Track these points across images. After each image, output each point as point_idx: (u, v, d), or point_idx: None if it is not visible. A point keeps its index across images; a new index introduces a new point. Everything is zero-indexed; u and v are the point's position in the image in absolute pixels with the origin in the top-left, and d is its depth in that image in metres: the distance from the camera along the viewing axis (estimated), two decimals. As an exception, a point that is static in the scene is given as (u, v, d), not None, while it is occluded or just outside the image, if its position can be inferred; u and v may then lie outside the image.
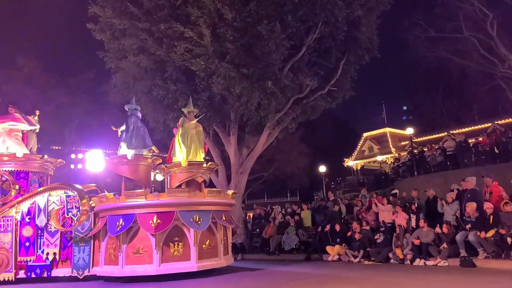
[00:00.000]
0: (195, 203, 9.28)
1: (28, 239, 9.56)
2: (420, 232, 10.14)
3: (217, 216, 9.64)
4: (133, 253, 8.86)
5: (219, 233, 9.82)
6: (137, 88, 15.76)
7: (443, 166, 17.98)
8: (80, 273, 9.48)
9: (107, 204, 9.29)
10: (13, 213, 9.66)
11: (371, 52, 17.50)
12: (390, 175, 25.13)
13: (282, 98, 15.09)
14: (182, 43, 14.19)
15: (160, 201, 8.95)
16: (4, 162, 10.28)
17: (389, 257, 10.49)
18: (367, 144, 35.35)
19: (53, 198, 9.81)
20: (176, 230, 9.03)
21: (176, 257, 8.89)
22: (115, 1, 15.08)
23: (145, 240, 8.88)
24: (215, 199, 9.73)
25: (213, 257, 9.46)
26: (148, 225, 8.73)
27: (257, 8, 13.70)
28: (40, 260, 9.46)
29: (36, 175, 10.70)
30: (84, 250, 9.59)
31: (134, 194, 9.06)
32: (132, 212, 8.91)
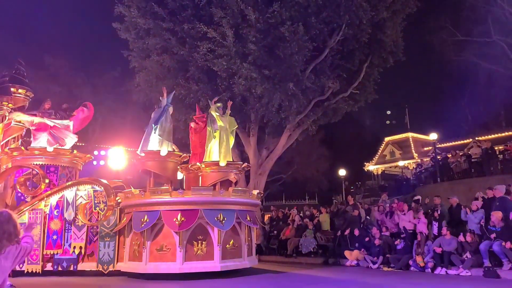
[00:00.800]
0: (220, 201, 9.19)
1: (56, 232, 9.69)
2: (442, 240, 9.87)
3: (242, 216, 9.52)
4: (156, 250, 8.84)
5: (243, 233, 9.68)
6: (159, 87, 15.96)
7: (468, 174, 17.46)
8: (105, 268, 9.50)
9: (133, 200, 9.29)
10: (42, 206, 9.81)
11: (395, 55, 17.24)
12: (412, 181, 24.60)
13: (303, 100, 15.02)
14: (205, 43, 14.31)
15: (184, 199, 8.92)
16: (35, 156, 10.49)
17: (409, 264, 10.25)
18: (388, 148, 34.73)
19: (81, 192, 9.91)
20: (200, 228, 8.97)
21: (199, 256, 8.82)
22: (140, 1, 15.37)
23: (169, 238, 8.84)
24: (240, 199, 9.59)
25: (237, 258, 9.34)
26: (172, 223, 8.70)
27: (280, 10, 13.68)
28: (67, 254, 9.58)
29: (66, 170, 10.89)
30: (109, 245, 9.63)
31: (159, 190, 9.05)
32: (157, 209, 8.90)
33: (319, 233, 13.76)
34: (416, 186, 21.91)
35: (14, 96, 11.95)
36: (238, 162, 10.65)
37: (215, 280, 8.64)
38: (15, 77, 12.20)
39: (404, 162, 32.17)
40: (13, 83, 12.03)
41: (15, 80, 12.12)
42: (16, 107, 12.03)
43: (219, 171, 10.08)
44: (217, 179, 9.98)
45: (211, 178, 10.03)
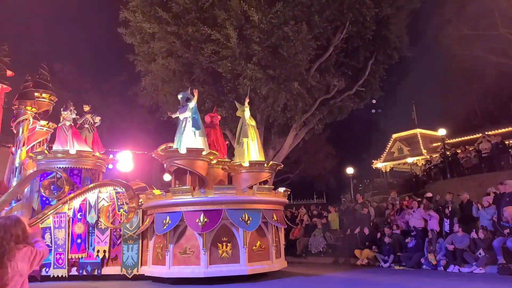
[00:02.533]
0: (244, 201, 8.69)
1: (80, 236, 9.50)
2: (454, 237, 9.75)
3: (268, 216, 8.99)
4: (180, 253, 8.46)
5: (271, 234, 9.17)
6: (165, 90, 16.05)
7: (478, 169, 17.26)
8: (129, 272, 9.19)
9: (154, 201, 8.93)
10: (66, 210, 9.67)
11: (400, 51, 17.13)
12: (421, 177, 24.39)
13: (309, 99, 14.97)
14: (209, 45, 14.34)
15: (207, 199, 8.46)
16: (59, 159, 10.38)
17: (421, 263, 10.14)
18: (396, 145, 34.45)
19: (103, 194, 9.68)
20: (224, 230, 8.51)
21: (224, 259, 8.37)
22: (145, 6, 15.43)
23: (192, 240, 8.44)
24: (265, 197, 9.09)
25: (264, 260, 8.82)
26: (195, 224, 8.29)
27: (283, 9, 13.66)
28: (91, 258, 9.36)
29: (89, 172, 10.75)
30: (132, 248, 9.30)
31: (180, 190, 8.62)
32: (178, 209, 8.51)
33: (329, 233, 13.69)
34: (426, 183, 21.71)
35: (38, 100, 11.97)
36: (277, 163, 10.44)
37: (243, 284, 8.15)
38: (39, 81, 12.19)
39: (412, 158, 31.88)
40: (37, 87, 12.02)
41: (38, 85, 12.11)
42: (41, 111, 12.05)
43: (254, 171, 9.78)
44: (261, 180, 9.70)
45: (250, 179, 9.75)
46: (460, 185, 15.65)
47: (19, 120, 11.53)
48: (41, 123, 11.80)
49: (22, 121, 11.52)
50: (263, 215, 8.82)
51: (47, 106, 12.37)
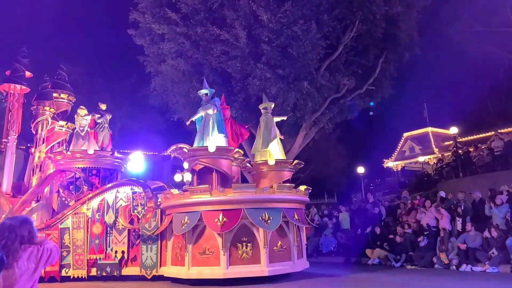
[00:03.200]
0: (264, 199, 8.43)
1: (98, 237, 9.37)
2: (466, 236, 9.63)
3: (289, 215, 8.67)
4: (199, 253, 8.23)
5: (292, 233, 8.83)
6: (175, 91, 16.16)
7: (491, 167, 16.99)
8: (148, 272, 8.99)
9: (172, 201, 8.75)
10: (85, 210, 9.59)
11: (411, 49, 16.98)
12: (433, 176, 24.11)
13: (319, 98, 14.94)
14: (218, 45, 14.40)
15: (225, 198, 8.23)
16: (77, 159, 10.34)
17: (433, 262, 10.04)
18: (408, 144, 34.10)
19: (121, 194, 9.53)
20: (244, 229, 8.25)
21: (245, 260, 8.09)
22: (154, 7, 15.58)
23: (211, 240, 8.21)
24: (286, 196, 8.79)
25: (286, 261, 8.52)
26: (214, 224, 8.07)
27: (292, 9, 13.65)
28: (110, 258, 9.21)
29: (107, 172, 10.67)
30: (151, 249, 9.10)
31: (198, 190, 8.41)
32: (197, 209, 8.31)
33: (339, 232, 13.63)
34: (438, 182, 21.46)
35: (56, 101, 12.05)
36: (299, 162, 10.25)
37: (264, 286, 7.89)
38: (57, 82, 12.28)
39: (424, 157, 31.53)
40: (55, 88, 12.10)
41: (57, 85, 12.19)
42: (59, 112, 12.13)
43: (276, 169, 9.61)
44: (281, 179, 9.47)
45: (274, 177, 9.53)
46: (473, 184, 15.40)
47: (38, 121, 11.60)
48: (60, 123, 11.84)
49: (40, 121, 11.61)
50: (283, 214, 8.55)
51: (66, 106, 12.43)
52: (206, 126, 9.39)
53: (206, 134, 9.31)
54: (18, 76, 11.88)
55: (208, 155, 9.02)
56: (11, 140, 11.67)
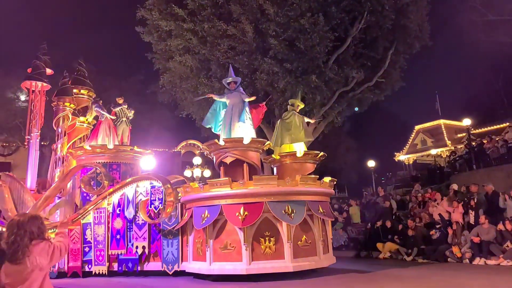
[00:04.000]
0: (286, 192, 8.05)
1: (119, 232, 9.25)
2: (480, 229, 9.46)
3: (313, 208, 8.27)
4: (220, 248, 7.97)
5: (317, 227, 8.44)
6: (183, 87, 16.19)
7: (506, 159, 16.65)
8: (170, 268, 8.82)
9: (192, 194, 8.50)
10: (105, 205, 9.48)
11: (421, 40, 16.69)
12: (446, 169, 23.77)
13: (327, 92, 14.80)
14: (225, 40, 14.36)
15: (246, 191, 7.90)
16: (97, 154, 10.28)
17: (445, 255, 9.89)
18: (419, 137, 33.65)
19: (140, 189, 9.38)
20: (266, 223, 7.94)
21: (267, 255, 7.79)
22: (160, 3, 15.59)
23: (233, 235, 7.93)
24: (310, 188, 8.38)
25: (311, 256, 8.14)
26: (235, 218, 7.78)
27: (299, 1, 13.52)
28: (131, 254, 9.10)
29: (127, 167, 10.54)
30: (172, 243, 8.91)
31: (218, 183, 8.12)
32: (217, 203, 8.03)
33: (350, 226, 13.55)
34: (451, 175, 21.15)
35: (77, 97, 12.04)
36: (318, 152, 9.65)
37: (289, 281, 7.53)
38: (77, 78, 12.28)
39: (436, 150, 31.09)
40: (75, 84, 12.11)
41: (77, 82, 12.19)
42: (80, 107, 12.13)
43: (300, 161, 9.27)
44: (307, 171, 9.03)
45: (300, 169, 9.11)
46: (486, 176, 15.12)
47: (59, 117, 11.61)
48: (80, 119, 11.79)
49: (61, 117, 11.62)
50: (308, 207, 8.16)
51: (86, 102, 12.36)
52: (235, 116, 8.85)
53: (233, 124, 8.81)
54: (39, 73, 11.89)
55: (241, 147, 8.64)
56: (34, 137, 11.70)
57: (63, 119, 11.62)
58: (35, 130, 11.72)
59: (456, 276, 7.88)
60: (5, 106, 22.71)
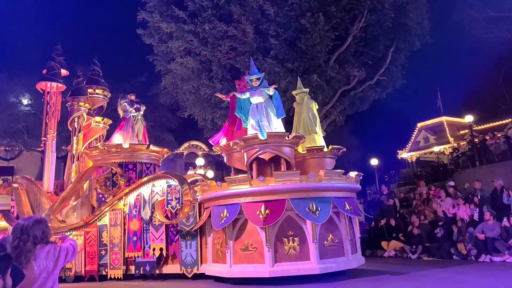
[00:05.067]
0: (310, 188, 7.48)
1: (135, 233, 8.83)
2: (485, 225, 9.45)
3: (339, 205, 7.71)
4: (241, 250, 7.50)
5: (344, 226, 7.85)
6: (184, 89, 16.22)
7: (509, 155, 16.64)
8: (189, 270, 8.41)
9: (210, 193, 8.03)
10: (122, 206, 9.14)
11: (422, 38, 16.68)
12: (449, 166, 23.74)
13: (329, 91, 14.81)
14: (226, 41, 14.39)
15: (267, 188, 7.40)
16: (113, 154, 9.89)
17: (451, 253, 9.89)
18: (422, 134, 33.58)
19: (156, 188, 9.00)
20: (289, 222, 7.41)
21: (292, 256, 7.26)
22: (161, 6, 15.63)
23: (254, 235, 7.44)
24: (335, 183, 7.83)
25: (338, 257, 7.58)
26: (256, 217, 7.29)
27: (299, 1, 13.54)
28: (148, 256, 8.68)
29: (143, 166, 10.17)
30: (191, 245, 8.49)
31: (237, 180, 7.65)
32: (236, 201, 7.55)
33: (354, 225, 13.53)
34: (454, 172, 21.13)
35: (92, 97, 11.81)
36: None
37: (316, 285, 7.00)
38: (92, 78, 12.04)
39: (439, 147, 31.03)
40: (90, 84, 11.87)
41: (91, 81, 11.94)
42: (95, 107, 11.92)
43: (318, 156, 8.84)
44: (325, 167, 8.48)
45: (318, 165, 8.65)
46: (490, 172, 15.12)
47: (73, 117, 11.36)
48: (96, 119, 11.55)
49: (76, 117, 11.38)
50: (333, 204, 7.59)
51: (102, 102, 12.15)
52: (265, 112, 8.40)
53: (264, 121, 8.32)
54: (54, 74, 11.73)
55: (283, 142, 8.16)
56: (50, 139, 11.48)
57: (78, 119, 11.35)
58: (51, 131, 11.48)
59: (460, 273, 7.89)
60: (8, 111, 22.74)
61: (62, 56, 12.30)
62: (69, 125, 11.50)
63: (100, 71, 12.24)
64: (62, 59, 12.23)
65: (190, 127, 21.72)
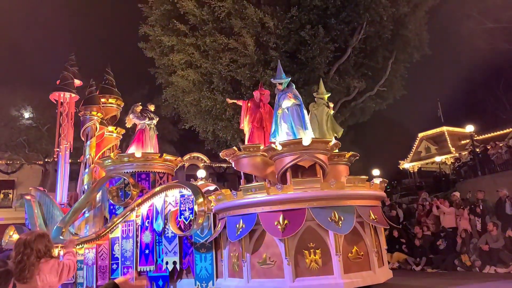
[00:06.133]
0: (332, 196, 6.99)
1: (148, 246, 8.44)
2: (488, 236, 9.37)
3: (364, 214, 7.15)
4: (259, 263, 7.06)
5: (369, 237, 7.31)
6: (186, 101, 16.30)
7: (511, 165, 16.59)
8: (204, 285, 7.98)
9: (225, 202, 7.61)
10: (134, 217, 8.79)
11: (420, 50, 16.82)
12: (451, 176, 23.68)
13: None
14: (227, 54, 14.50)
15: (285, 196, 6.96)
16: (125, 164, 9.53)
17: (454, 264, 9.78)
18: (423, 144, 33.62)
19: (169, 199, 8.66)
20: (310, 233, 6.91)
21: (314, 270, 6.75)
22: (163, 20, 15.81)
23: (272, 247, 7.00)
24: (358, 191, 7.32)
25: (364, 270, 7.03)
26: (274, 228, 6.82)
27: (299, 14, 13.68)
28: (161, 270, 8.24)
29: (157, 176, 9.75)
30: (205, 258, 8.05)
31: (253, 187, 7.21)
32: (253, 211, 7.11)
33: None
34: (456, 182, 21.06)
35: (105, 106, 11.55)
36: None
37: None
38: (105, 87, 11.85)
39: (441, 157, 31.02)
40: (103, 93, 11.65)
41: (104, 90, 11.74)
42: (108, 117, 11.66)
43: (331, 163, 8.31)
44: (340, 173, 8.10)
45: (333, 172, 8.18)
46: (492, 182, 15.05)
47: (86, 127, 11.05)
48: (109, 128, 11.29)
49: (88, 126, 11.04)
50: (357, 213, 7.06)
51: (115, 111, 11.94)
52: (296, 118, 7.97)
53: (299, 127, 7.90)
54: (67, 84, 11.54)
55: (322, 149, 7.72)
56: (64, 149, 11.22)
57: (90, 128, 11.04)
58: (64, 142, 11.24)
59: (465, 285, 7.78)
60: (9, 124, 22.80)
61: (76, 66, 12.13)
62: (81, 134, 11.20)
63: (113, 81, 12.05)
64: (76, 69, 12.05)
65: (191, 139, 21.77)
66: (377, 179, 8.06)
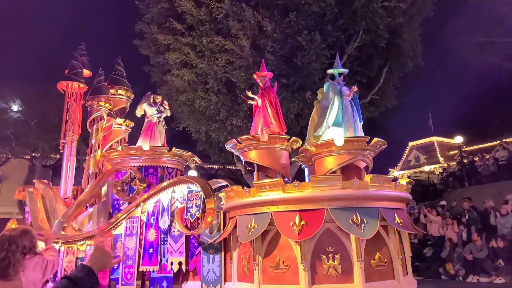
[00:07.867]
0: (354, 196, 6.31)
1: (152, 245, 8.02)
2: (472, 246, 9.56)
3: (388, 216, 6.41)
4: (271, 267, 6.41)
5: (393, 242, 6.57)
6: (180, 100, 16.28)
7: (497, 177, 16.93)
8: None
9: (236, 200, 6.99)
10: (139, 214, 8.29)
11: (414, 60, 17.07)
12: (439, 186, 24.02)
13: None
14: (223, 55, 14.54)
15: (303, 195, 6.35)
16: (131, 157, 8.98)
17: (439, 272, 9.96)
18: (413, 153, 34.06)
19: (176, 195, 7.98)
20: (329, 236, 6.23)
21: (332, 277, 6.09)
22: (159, 18, 15.80)
23: (286, 250, 6.36)
24: (383, 191, 6.57)
25: (387, 279, 6.37)
26: (289, 229, 6.20)
27: (296, 19, 13.80)
28: (165, 271, 7.66)
29: (165, 171, 9.18)
30: (214, 259, 7.47)
31: (267, 185, 6.59)
32: (266, 210, 6.50)
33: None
34: (443, 191, 21.38)
35: (114, 97, 11.04)
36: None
37: None
38: (114, 77, 11.32)
39: (429, 167, 31.47)
40: (112, 84, 11.12)
41: (114, 81, 11.21)
42: (117, 109, 11.14)
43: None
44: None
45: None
46: (478, 193, 15.33)
47: (92, 118, 10.49)
48: (117, 121, 10.73)
49: (95, 118, 10.52)
50: (381, 216, 6.32)
51: (124, 103, 11.41)
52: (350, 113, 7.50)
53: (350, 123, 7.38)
54: (75, 74, 11.06)
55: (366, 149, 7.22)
56: (69, 141, 10.75)
57: (97, 120, 10.55)
58: (71, 133, 10.77)
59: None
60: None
61: (86, 56, 11.70)
62: (88, 126, 10.74)
63: (123, 71, 11.54)
64: (86, 59, 11.61)
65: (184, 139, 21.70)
66: (403, 179, 7.42)
